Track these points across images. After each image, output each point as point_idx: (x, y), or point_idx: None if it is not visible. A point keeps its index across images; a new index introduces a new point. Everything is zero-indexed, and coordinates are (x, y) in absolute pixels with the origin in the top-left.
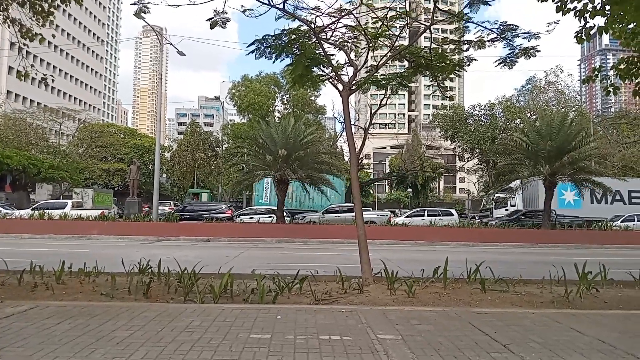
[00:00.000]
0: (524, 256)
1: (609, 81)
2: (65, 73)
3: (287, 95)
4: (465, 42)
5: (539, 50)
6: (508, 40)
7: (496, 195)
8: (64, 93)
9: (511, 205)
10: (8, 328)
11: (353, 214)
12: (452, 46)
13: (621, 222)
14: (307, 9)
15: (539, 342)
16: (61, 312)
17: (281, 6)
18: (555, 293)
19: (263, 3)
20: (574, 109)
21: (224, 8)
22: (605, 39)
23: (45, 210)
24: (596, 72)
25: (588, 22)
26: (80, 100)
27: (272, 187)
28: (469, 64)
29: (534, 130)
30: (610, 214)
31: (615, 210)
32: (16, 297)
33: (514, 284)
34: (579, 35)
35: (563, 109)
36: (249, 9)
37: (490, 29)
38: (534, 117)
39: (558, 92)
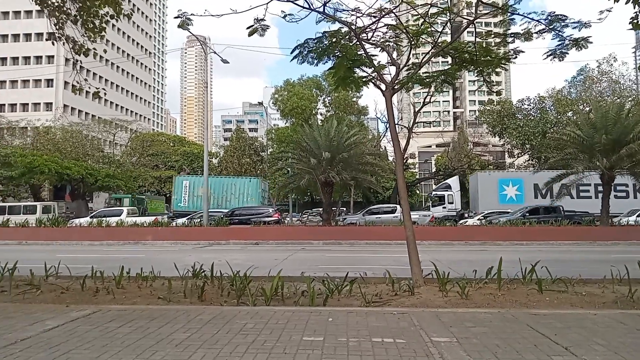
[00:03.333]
0: (582, 254)
1: None
2: (117, 85)
3: (329, 98)
4: (511, 34)
5: (591, 42)
6: (557, 31)
7: (433, 193)
8: (116, 105)
9: (449, 203)
10: (74, 331)
11: (394, 215)
12: (497, 39)
13: (637, 216)
14: (347, 10)
15: (602, 344)
16: (122, 315)
17: (321, 9)
18: (619, 293)
19: (303, 7)
20: (630, 98)
21: (264, 15)
22: None
23: (103, 218)
24: None
25: None
26: (131, 111)
27: (191, 190)
28: (516, 57)
29: (588, 123)
30: None
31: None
32: (80, 301)
33: (573, 283)
34: (635, 21)
35: (618, 100)
36: (289, 14)
37: (537, 20)
38: (587, 109)
39: (612, 82)
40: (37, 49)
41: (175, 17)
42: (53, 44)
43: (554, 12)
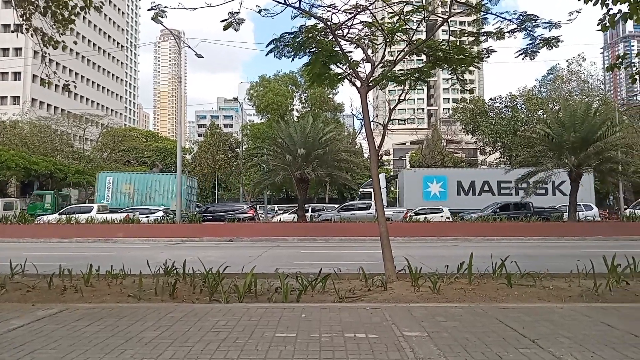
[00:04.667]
0: (550, 250)
1: (634, 68)
2: (87, 79)
3: (305, 94)
4: (484, 33)
5: (561, 41)
6: (528, 31)
7: (361, 190)
8: (87, 99)
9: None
10: (40, 331)
11: (368, 211)
12: (470, 38)
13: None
14: (323, 6)
15: (569, 336)
16: (90, 314)
17: (297, 4)
18: (584, 287)
19: (279, 2)
20: (598, 98)
21: (239, 9)
22: (629, 25)
23: (72, 215)
24: (620, 60)
25: (611, 9)
26: (102, 106)
27: (115, 187)
28: (489, 56)
29: (557, 121)
30: (478, 205)
31: (484, 201)
32: (46, 300)
33: (541, 278)
34: (603, 23)
35: (587, 99)
36: (264, 9)
37: (509, 20)
38: (556, 107)
39: (581, 82)
40: (4, 41)
41: (149, 10)
42: (17, 36)
43: (526, 12)
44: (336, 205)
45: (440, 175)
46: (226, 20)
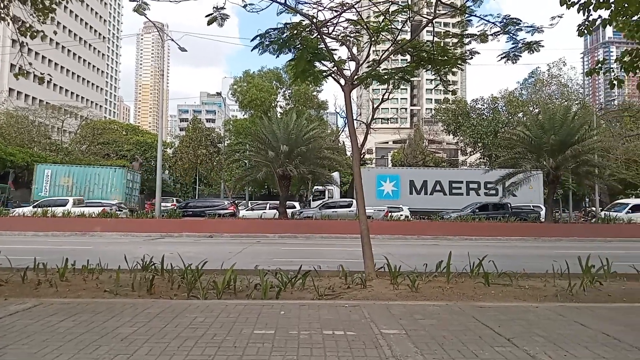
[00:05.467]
0: (527, 250)
1: (612, 74)
2: (67, 70)
3: (289, 91)
4: (468, 35)
5: (543, 45)
6: (511, 34)
7: (315, 187)
8: (66, 90)
9: (329, 197)
10: (12, 325)
11: (349, 209)
12: (454, 40)
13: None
14: (309, 3)
15: (543, 335)
16: (65, 309)
17: (282, 0)
18: (559, 287)
19: None
20: (577, 102)
21: (224, 3)
22: (609, 31)
23: (48, 208)
24: (599, 65)
25: (591, 14)
26: (82, 97)
27: (53, 179)
28: (472, 58)
29: (537, 123)
30: (430, 204)
31: (435, 201)
32: (20, 294)
33: (517, 277)
34: (582, 28)
35: (566, 102)
36: (250, 4)
37: (493, 23)
38: (536, 110)
39: (561, 85)
40: None
41: (131, 1)
42: None
43: (509, 16)
44: (297, 204)
45: (393, 174)
46: (210, 15)
